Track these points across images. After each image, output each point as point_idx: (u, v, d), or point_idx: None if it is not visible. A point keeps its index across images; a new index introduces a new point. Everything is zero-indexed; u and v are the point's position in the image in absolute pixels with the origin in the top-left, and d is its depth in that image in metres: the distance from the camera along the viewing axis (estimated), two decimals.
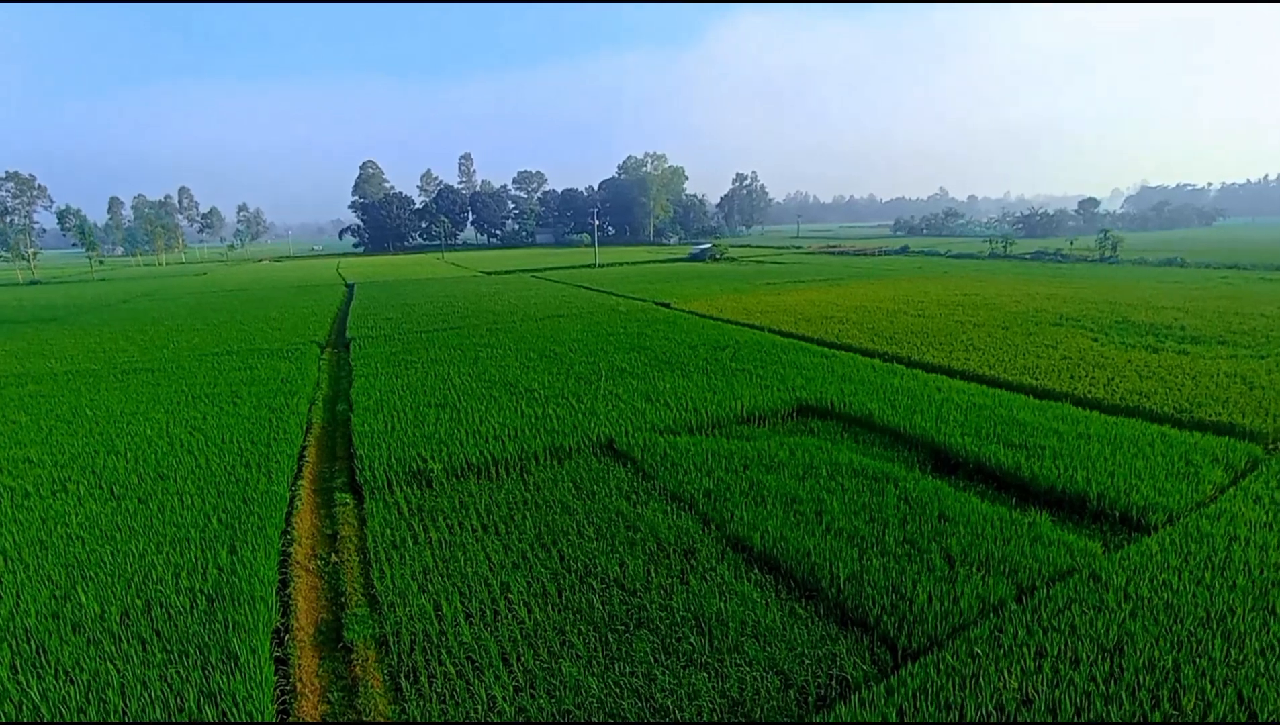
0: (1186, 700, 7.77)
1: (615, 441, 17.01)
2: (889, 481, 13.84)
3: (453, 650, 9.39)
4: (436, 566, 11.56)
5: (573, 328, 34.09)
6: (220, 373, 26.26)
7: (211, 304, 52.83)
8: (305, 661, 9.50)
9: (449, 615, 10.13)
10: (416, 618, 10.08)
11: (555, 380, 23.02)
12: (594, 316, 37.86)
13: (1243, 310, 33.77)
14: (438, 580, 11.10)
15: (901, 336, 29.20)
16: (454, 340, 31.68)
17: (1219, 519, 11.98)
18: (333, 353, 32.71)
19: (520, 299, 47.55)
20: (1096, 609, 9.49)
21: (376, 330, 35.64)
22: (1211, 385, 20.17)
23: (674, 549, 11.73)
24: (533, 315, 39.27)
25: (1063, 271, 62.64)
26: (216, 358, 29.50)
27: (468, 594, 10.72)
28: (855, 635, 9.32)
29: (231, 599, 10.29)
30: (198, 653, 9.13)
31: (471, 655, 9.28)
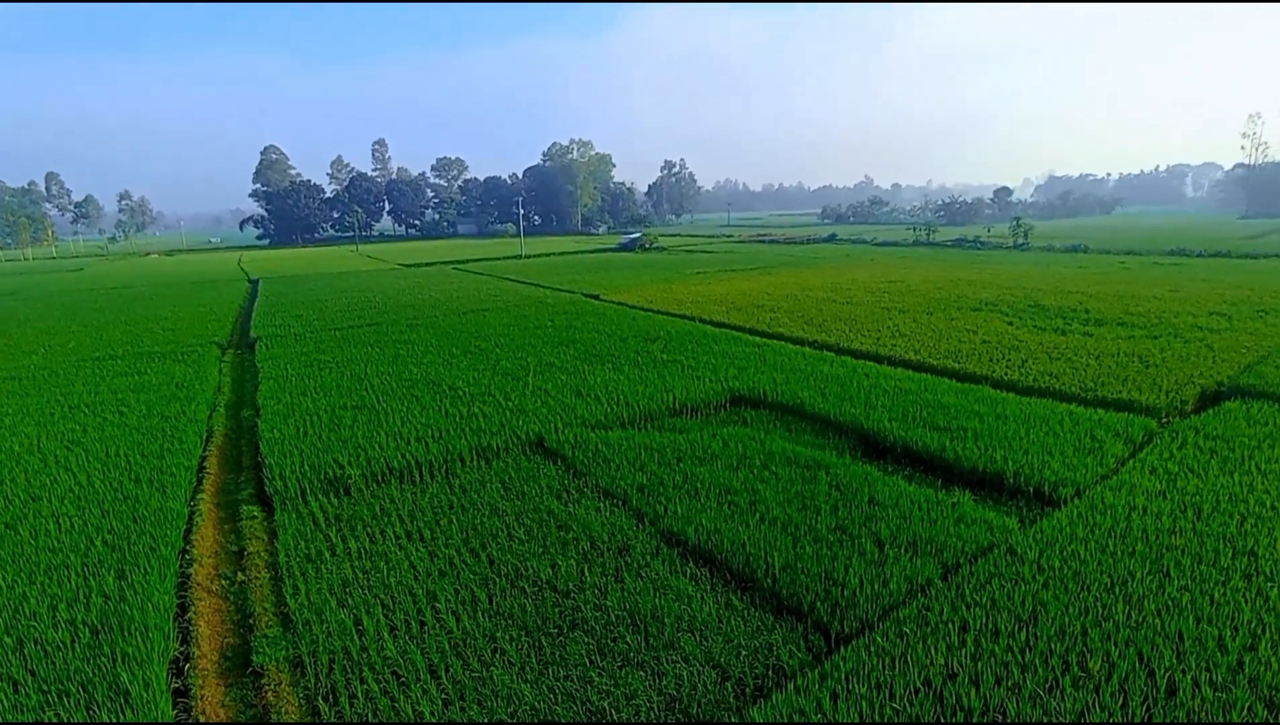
0: (1093, 663, 8.15)
1: (545, 439, 16.62)
2: (821, 469, 14.03)
3: (376, 666, 8.89)
4: (357, 579, 10.95)
5: (498, 322, 33.30)
6: (103, 379, 24.14)
7: (91, 303, 48.52)
8: (209, 691, 8.81)
9: (371, 630, 9.59)
10: (335, 635, 9.49)
11: (481, 377, 22.37)
12: (521, 310, 37.12)
13: (1139, 293, 36.12)
14: (358, 593, 10.51)
15: (831, 324, 29.84)
16: (371, 337, 30.39)
17: (1120, 490, 12.70)
18: (236, 354, 30.83)
19: (442, 293, 46.14)
20: (1014, 582, 9.86)
21: (285, 329, 33.67)
22: (1113, 364, 21.46)
23: (608, 547, 11.50)
24: (456, 309, 38.15)
25: (981, 258, 65.68)
26: (98, 363, 27.07)
27: (391, 606, 10.19)
28: (790, 623, 9.36)
29: (120, 629, 9.40)
30: (81, 691, 8.30)
31: (397, 670, 8.81)
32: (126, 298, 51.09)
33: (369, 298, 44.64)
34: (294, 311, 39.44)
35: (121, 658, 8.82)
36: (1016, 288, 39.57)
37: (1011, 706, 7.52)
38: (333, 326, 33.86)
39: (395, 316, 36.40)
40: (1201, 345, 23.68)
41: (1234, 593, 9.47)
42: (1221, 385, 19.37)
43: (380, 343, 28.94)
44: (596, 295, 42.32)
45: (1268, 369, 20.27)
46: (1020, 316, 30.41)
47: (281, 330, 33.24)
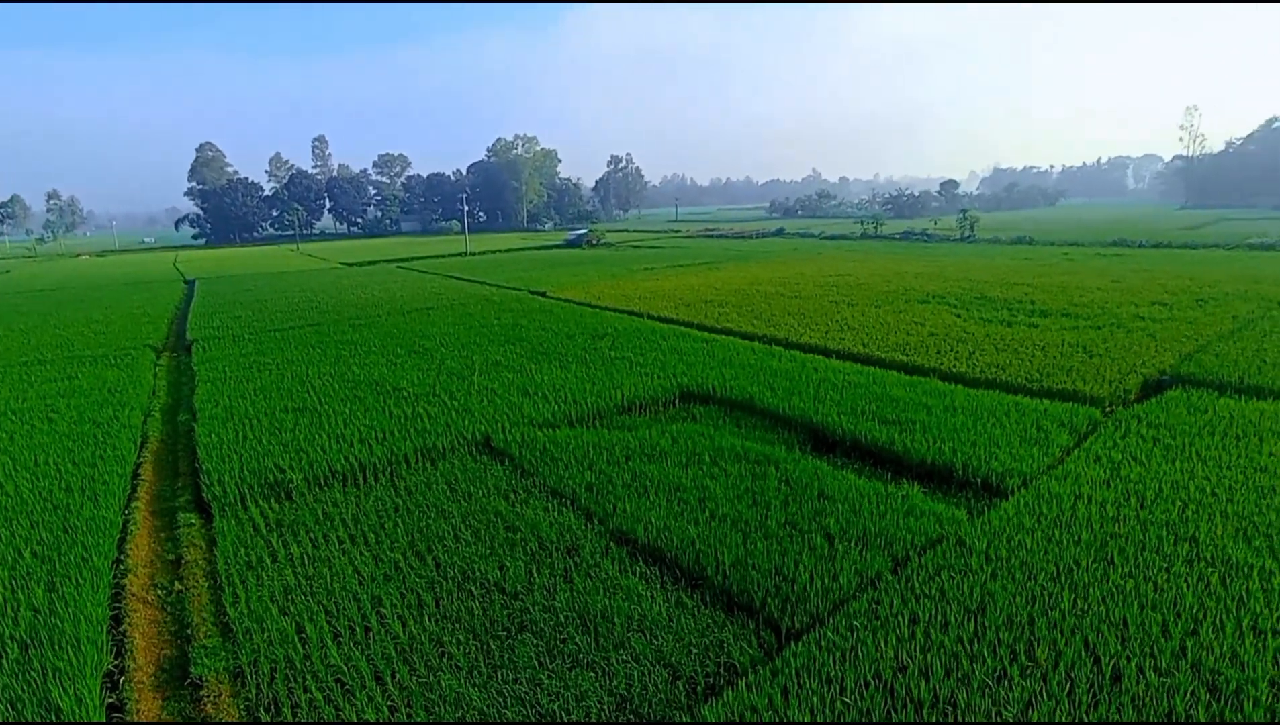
0: (1040, 651, 8.30)
1: (492, 438, 16.32)
2: (770, 464, 14.10)
3: (319, 675, 8.57)
4: (299, 585, 10.55)
5: (443, 321, 32.63)
6: (30, 385, 22.86)
7: (16, 305, 45.88)
8: (145, 705, 8.44)
9: (314, 637, 9.24)
10: (277, 643, 9.12)
11: (426, 377, 21.86)
12: (466, 308, 36.46)
13: (1082, 284, 36.93)
14: (301, 600, 10.13)
15: (780, 318, 30.03)
16: (313, 338, 29.40)
17: (1065, 479, 12.99)
18: (171, 357, 29.49)
19: (385, 292, 45.00)
20: (962, 573, 10.01)
21: (223, 330, 32.35)
22: (1057, 355, 21.99)
23: (556, 547, 11.34)
24: (400, 308, 37.24)
25: (928, 250, 67.02)
26: (24, 367, 25.64)
27: (335, 612, 9.84)
28: (741, 620, 9.35)
29: (51, 643, 8.95)
30: (9, 709, 7.87)
31: (341, 678, 8.52)
32: (56, 300, 48.26)
33: (310, 297, 43.24)
34: (232, 312, 37.92)
35: (52, 673, 8.41)
36: (963, 280, 40.34)
37: (961, 697, 7.62)
38: (273, 327, 32.67)
39: (337, 316, 35.33)
40: (1144, 335, 24.37)
41: (1176, 579, 9.68)
42: (1163, 374, 19.95)
43: (322, 343, 28.03)
44: (543, 292, 41.89)
45: (1207, 358, 20.92)
46: (967, 308, 31.01)
47: (219, 332, 31.91)
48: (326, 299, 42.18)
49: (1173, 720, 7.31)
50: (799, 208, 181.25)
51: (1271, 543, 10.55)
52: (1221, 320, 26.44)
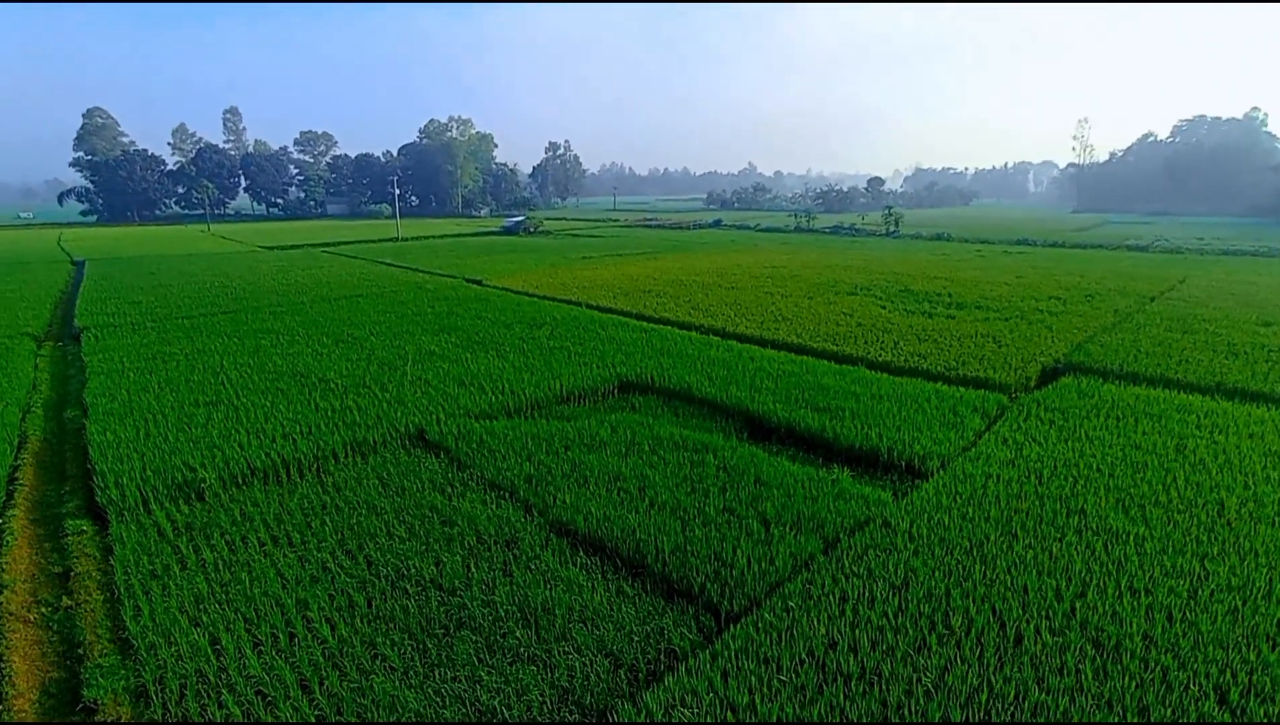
0: (955, 620, 8.81)
1: (426, 431, 15.88)
2: (708, 452, 14.25)
3: (238, 688, 8.12)
4: (213, 593, 9.97)
5: (373, 308, 31.50)
6: None
7: None
8: None
9: (231, 648, 8.75)
10: (187, 657, 8.59)
11: (355, 367, 21.06)
12: (398, 295, 35.31)
13: (992, 279, 39.41)
14: (215, 609, 9.57)
15: (717, 309, 30.43)
16: (228, 327, 27.83)
17: (977, 461, 13.79)
18: (56, 347, 27.31)
19: (310, 277, 43.06)
20: (888, 552, 10.45)
21: (120, 317, 29.88)
22: (971, 345, 23.31)
23: (495, 540, 11.13)
24: (326, 296, 35.72)
25: (856, 244, 69.22)
26: None
27: (255, 619, 9.36)
28: (681, 606, 9.43)
29: None
30: None
31: (262, 689, 8.10)
32: None
33: (224, 283, 40.88)
34: (130, 297, 35.24)
35: None
36: (888, 273, 42.08)
37: (886, 668, 7.95)
38: (180, 315, 30.70)
39: (256, 303, 33.55)
40: (1042, 326, 26.20)
41: (1068, 547, 10.53)
42: (1058, 362, 21.54)
43: (238, 333, 26.57)
44: (479, 280, 41.03)
45: (1094, 347, 22.78)
46: (892, 301, 32.33)
47: (115, 319, 29.54)
48: (243, 285, 39.99)
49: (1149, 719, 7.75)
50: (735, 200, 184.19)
51: (1145, 512, 11.63)
52: (1105, 314, 28.63)
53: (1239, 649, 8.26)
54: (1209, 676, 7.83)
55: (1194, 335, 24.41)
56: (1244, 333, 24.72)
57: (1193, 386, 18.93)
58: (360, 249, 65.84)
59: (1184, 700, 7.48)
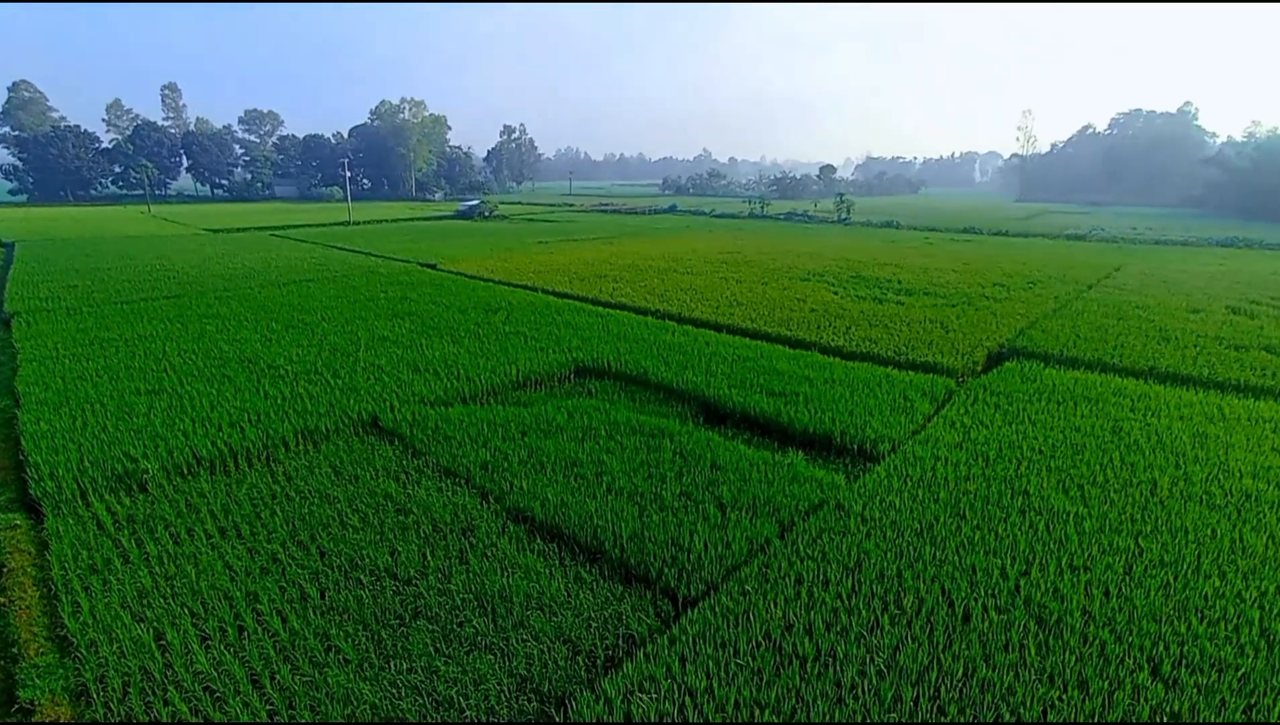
0: (906, 600, 9.07)
1: (380, 418, 15.59)
2: (665, 437, 14.33)
3: (184, 684, 7.91)
4: (158, 587, 9.66)
5: (325, 293, 30.67)
6: None
7: None
8: None
9: (177, 643, 8.51)
10: (131, 654, 8.32)
11: (306, 353, 20.51)
12: (350, 280, 34.45)
13: (940, 266, 40.32)
14: (160, 603, 9.29)
15: (672, 294, 30.49)
16: (171, 312, 26.78)
17: (927, 444, 14.17)
18: None
19: (259, 261, 41.66)
20: (841, 534, 10.69)
21: (54, 302, 28.46)
22: (920, 330, 23.86)
23: (451, 528, 11.02)
24: (275, 280, 34.63)
25: (809, 231, 70.09)
26: None
27: (203, 613, 9.11)
28: (639, 592, 9.49)
29: None
30: None
31: (210, 685, 7.91)
32: None
33: (167, 266, 39.26)
34: (65, 281, 33.53)
35: None
36: (840, 260, 42.75)
37: (840, 648, 8.14)
38: (119, 299, 29.39)
39: (201, 287, 32.32)
40: (988, 312, 26.94)
41: (1013, 527, 10.91)
42: (1003, 347, 22.24)
43: (183, 318, 25.59)
44: (433, 265, 40.29)
45: (1036, 333, 23.55)
46: (844, 286, 32.86)
47: (48, 303, 28.11)
48: (187, 268, 38.47)
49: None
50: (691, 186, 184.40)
51: (1084, 492, 12.13)
52: (1046, 301, 29.62)
53: (1171, 622, 8.69)
54: (1143, 649, 8.22)
55: (1128, 321, 25.42)
56: (1175, 319, 25.86)
57: (1128, 371, 19.74)
58: (311, 232, 63.93)
59: (1120, 672, 7.85)
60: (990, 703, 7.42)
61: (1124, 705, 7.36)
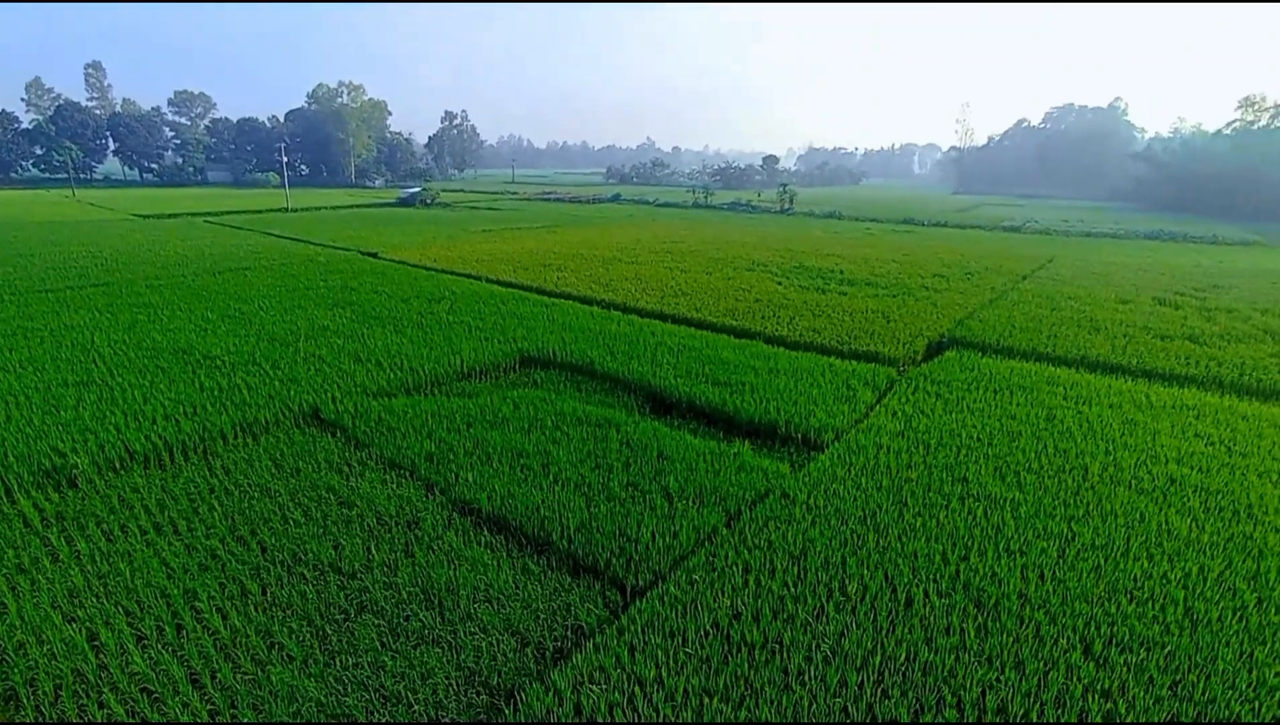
0: (851, 587, 9.32)
1: (322, 409, 15.25)
2: (611, 427, 14.39)
3: (120, 686, 7.67)
4: (90, 586, 9.30)
5: (262, 282, 29.66)
6: None
7: None
8: None
9: (112, 644, 8.23)
10: (62, 656, 8.02)
11: (244, 344, 19.86)
12: (289, 268, 33.39)
13: (881, 256, 41.22)
14: (93, 603, 8.95)
15: (618, 283, 30.46)
16: (100, 300, 25.52)
17: (869, 432, 14.55)
18: None
19: (192, 249, 39.96)
20: (787, 523, 10.91)
21: None
22: (863, 320, 24.39)
23: (396, 521, 10.91)
24: (209, 268, 33.32)
25: (753, 221, 70.73)
26: None
27: (138, 613, 8.82)
28: (588, 582, 9.56)
29: None
30: None
31: (148, 685, 7.69)
32: None
33: (94, 253, 37.32)
34: None
35: None
36: (783, 250, 43.35)
37: (786, 635, 8.36)
38: (43, 287, 27.88)
39: (131, 275, 30.86)
40: (927, 302, 27.69)
41: (953, 514, 11.26)
42: (942, 337, 22.96)
43: (112, 307, 24.42)
44: (375, 253, 39.33)
45: (974, 323, 24.33)
46: (787, 277, 33.39)
47: None
48: (116, 255, 36.65)
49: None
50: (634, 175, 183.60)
51: (1020, 478, 12.61)
52: (984, 291, 30.66)
53: (1101, 603, 9.06)
54: (1075, 630, 8.57)
55: (1061, 312, 26.43)
56: (1105, 310, 26.99)
57: (1061, 360, 20.52)
58: (246, 219, 61.58)
59: (1054, 652, 8.18)
60: (932, 685, 7.67)
61: (1058, 684, 7.67)
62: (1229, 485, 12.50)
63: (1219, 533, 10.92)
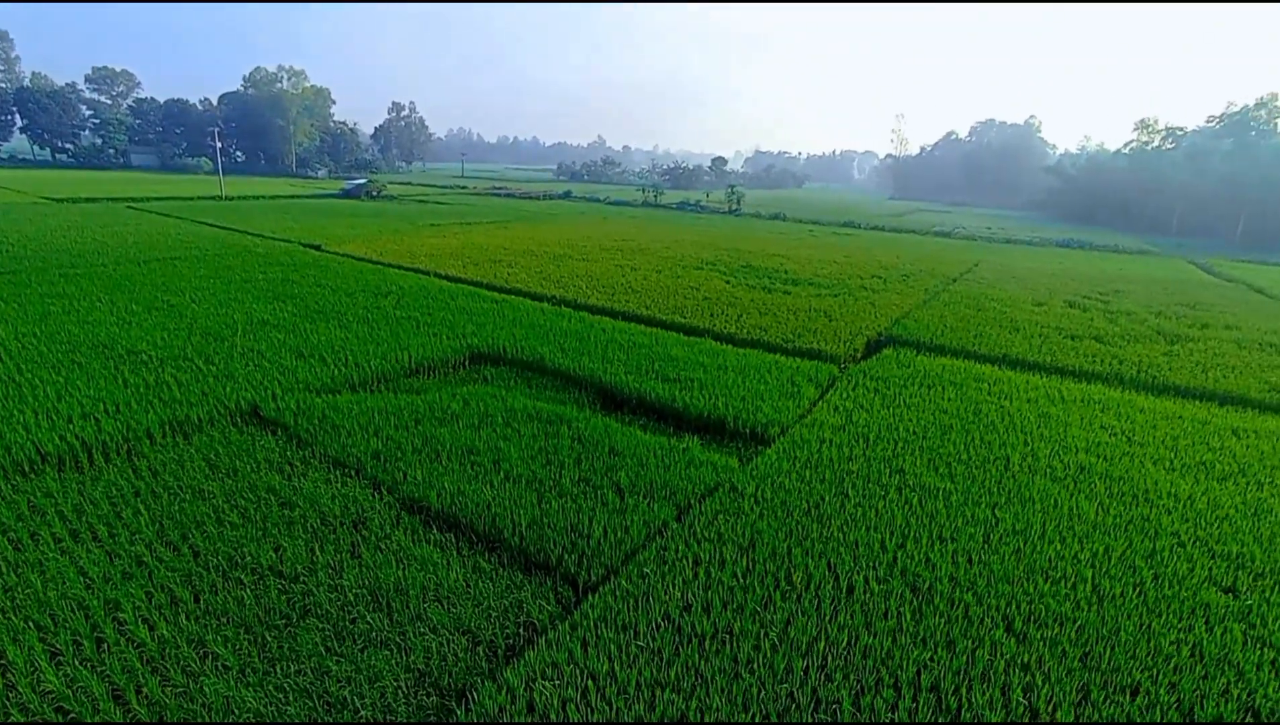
0: (796, 576, 9.56)
1: (261, 406, 14.64)
2: (563, 423, 14.30)
3: (30, 706, 7.19)
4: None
5: (194, 273, 28.26)
6: None
7: None
8: None
9: (20, 662, 7.68)
10: None
11: (173, 338, 18.88)
12: (224, 259, 31.92)
13: (823, 257, 42.52)
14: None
15: (568, 280, 30.35)
16: (6, 290, 23.83)
17: (813, 427, 14.94)
18: None
19: (114, 236, 37.69)
20: (736, 515, 11.09)
21: None
22: (806, 318, 25.06)
23: (341, 521, 10.55)
24: (135, 257, 31.52)
25: (701, 221, 71.61)
26: None
27: (52, 627, 8.26)
28: (540, 579, 9.48)
29: None
30: None
31: (63, 705, 7.22)
32: None
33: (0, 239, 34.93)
34: None
35: None
36: (731, 250, 44.06)
37: (736, 625, 8.49)
38: None
39: (43, 263, 28.93)
40: (867, 302, 28.73)
41: (890, 504, 11.73)
42: (881, 335, 23.83)
43: (20, 298, 22.84)
44: (318, 245, 38.02)
45: (910, 322, 25.39)
46: (735, 276, 33.94)
47: None
48: (25, 240, 34.28)
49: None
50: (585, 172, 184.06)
51: (951, 469, 13.23)
52: (918, 292, 32.06)
53: (1021, 584, 9.64)
54: (999, 609, 9.09)
55: (986, 313, 27.92)
56: (1023, 311, 28.64)
57: (986, 357, 21.69)
58: (176, 206, 58.62)
59: (980, 631, 8.64)
60: (871, 667, 7.95)
61: (984, 661, 8.09)
62: (1129, 472, 13.49)
63: (1121, 515, 11.78)
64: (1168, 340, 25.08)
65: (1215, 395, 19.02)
